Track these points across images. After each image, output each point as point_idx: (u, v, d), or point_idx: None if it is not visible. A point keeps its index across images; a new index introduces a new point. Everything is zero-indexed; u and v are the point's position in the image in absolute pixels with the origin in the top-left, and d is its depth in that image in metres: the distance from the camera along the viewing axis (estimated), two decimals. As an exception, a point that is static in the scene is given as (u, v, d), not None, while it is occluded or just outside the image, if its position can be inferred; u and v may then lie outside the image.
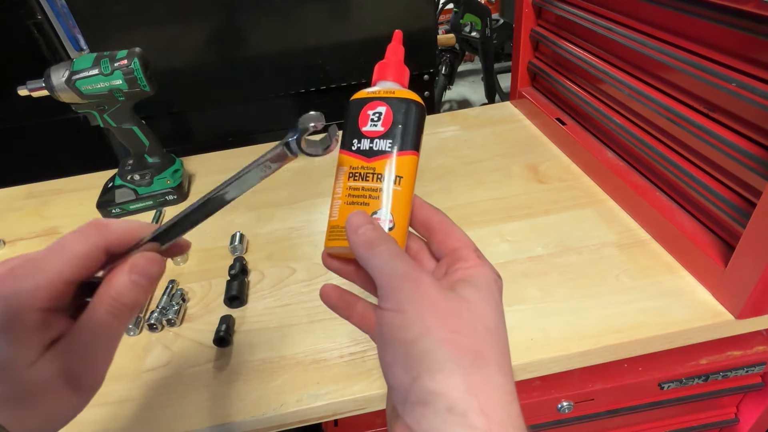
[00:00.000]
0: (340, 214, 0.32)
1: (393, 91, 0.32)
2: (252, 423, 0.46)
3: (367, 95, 0.33)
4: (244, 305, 0.58)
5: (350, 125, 0.33)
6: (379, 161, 0.31)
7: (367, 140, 0.32)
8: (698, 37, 0.51)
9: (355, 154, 0.32)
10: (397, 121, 0.32)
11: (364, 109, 0.32)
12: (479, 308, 0.27)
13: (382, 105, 0.32)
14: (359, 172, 0.32)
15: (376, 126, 0.32)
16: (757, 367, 0.57)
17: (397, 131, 0.32)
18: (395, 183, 0.31)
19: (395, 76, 0.34)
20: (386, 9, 1.06)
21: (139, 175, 0.77)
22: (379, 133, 0.32)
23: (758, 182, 0.45)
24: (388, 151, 0.31)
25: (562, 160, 0.77)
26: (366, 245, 0.28)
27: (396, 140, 0.32)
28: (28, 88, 0.68)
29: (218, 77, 1.10)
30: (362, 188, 0.31)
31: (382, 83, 0.34)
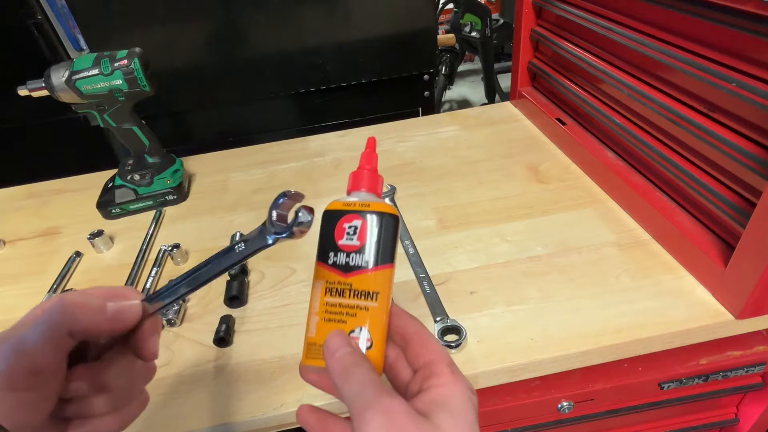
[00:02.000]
0: (318, 331, 0.32)
1: (368, 203, 0.33)
2: (252, 423, 0.46)
3: (342, 207, 0.33)
4: (244, 305, 0.58)
5: (326, 238, 0.33)
6: (356, 277, 0.31)
7: (343, 254, 0.32)
8: (698, 37, 0.51)
9: (331, 268, 0.32)
10: (373, 235, 0.32)
11: (340, 222, 0.32)
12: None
13: (357, 218, 0.32)
14: (336, 288, 0.32)
15: (352, 240, 0.32)
16: (757, 367, 0.57)
17: (373, 245, 0.31)
18: (372, 299, 0.31)
19: (369, 186, 0.35)
20: (386, 9, 1.06)
21: (139, 175, 0.77)
22: (355, 248, 0.32)
23: (758, 182, 0.45)
24: (364, 267, 0.31)
25: (562, 160, 0.77)
26: (341, 373, 0.28)
27: (372, 255, 0.31)
28: (28, 88, 0.68)
29: (218, 77, 1.10)
30: (339, 305, 0.31)
31: (356, 194, 0.34)
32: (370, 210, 0.32)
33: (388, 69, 1.14)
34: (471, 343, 0.50)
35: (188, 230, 0.73)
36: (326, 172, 0.83)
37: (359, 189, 0.35)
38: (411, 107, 1.23)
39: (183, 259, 0.66)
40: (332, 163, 0.85)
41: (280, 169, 0.85)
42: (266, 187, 0.80)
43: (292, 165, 0.86)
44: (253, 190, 0.80)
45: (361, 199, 0.34)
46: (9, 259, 0.72)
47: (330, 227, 0.33)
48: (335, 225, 0.33)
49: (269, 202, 0.31)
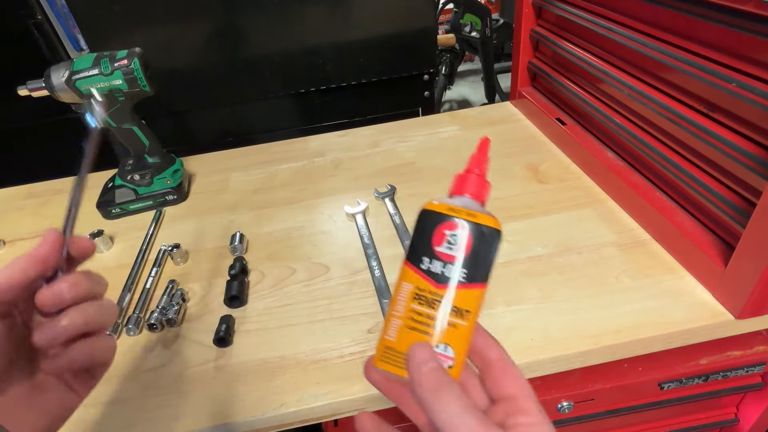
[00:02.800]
0: (399, 337, 0.29)
1: (475, 214, 0.30)
2: (252, 423, 0.46)
3: (446, 211, 0.30)
4: (244, 305, 0.58)
5: (422, 239, 0.30)
6: (450, 291, 0.29)
7: (439, 263, 0.29)
8: (698, 37, 0.51)
9: (423, 275, 0.29)
10: (475, 250, 0.29)
11: (441, 227, 0.29)
12: None
13: (460, 228, 0.29)
14: (425, 297, 0.29)
15: (451, 249, 0.29)
16: (757, 367, 0.57)
17: (473, 261, 0.29)
18: (462, 318, 0.29)
19: (476, 193, 0.31)
20: (386, 9, 1.06)
21: (139, 175, 0.77)
22: (454, 259, 0.29)
23: (758, 182, 0.45)
24: (461, 282, 0.29)
25: (562, 160, 0.77)
26: (433, 389, 0.26)
27: (470, 271, 0.29)
28: (28, 88, 0.68)
29: (218, 77, 1.10)
30: (427, 315, 0.29)
31: (460, 198, 0.31)
32: (477, 221, 0.29)
33: (388, 69, 1.14)
34: (471, 343, 0.50)
35: (188, 230, 0.73)
36: (326, 172, 0.83)
37: (464, 194, 0.31)
38: (411, 107, 1.23)
39: (183, 259, 0.66)
40: (332, 163, 0.85)
41: (280, 169, 0.85)
42: (266, 187, 0.80)
43: (292, 165, 0.86)
44: (253, 190, 0.80)
45: (465, 205, 0.30)
46: (9, 259, 0.71)
47: (428, 229, 0.30)
48: (434, 229, 0.30)
49: (269, 201, 0.31)
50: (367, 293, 0.57)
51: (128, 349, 0.54)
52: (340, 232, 0.68)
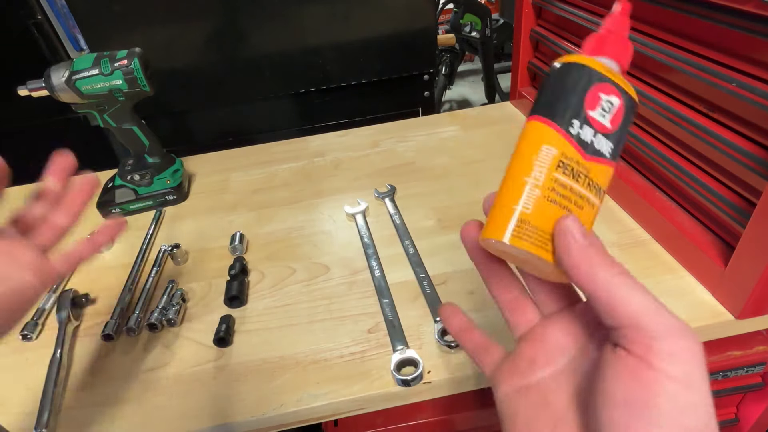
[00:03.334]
0: (538, 209, 0.25)
1: (625, 81, 0.26)
2: (252, 423, 0.46)
3: (603, 71, 0.25)
4: (244, 305, 0.58)
5: (574, 98, 0.25)
6: (596, 165, 0.25)
7: (590, 130, 0.25)
8: (698, 37, 0.51)
9: (573, 141, 0.25)
10: (625, 123, 0.26)
11: (596, 88, 0.25)
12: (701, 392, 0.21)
13: (617, 95, 0.26)
14: (572, 167, 0.25)
15: (604, 118, 0.25)
16: (757, 367, 0.57)
17: (621, 136, 0.26)
18: (600, 195, 0.26)
19: (621, 55, 0.27)
20: (386, 9, 1.06)
21: (139, 175, 0.77)
22: (606, 130, 0.25)
23: (758, 182, 0.45)
24: (607, 158, 0.26)
25: (562, 160, 0.77)
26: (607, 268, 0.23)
27: (617, 147, 0.26)
28: (28, 88, 0.68)
29: (218, 77, 1.10)
30: (570, 189, 0.25)
31: (607, 60, 0.27)
32: (628, 91, 0.26)
33: (388, 69, 1.14)
34: (471, 343, 0.50)
35: (188, 230, 0.73)
36: (326, 172, 0.83)
37: (611, 56, 0.27)
38: (411, 107, 1.23)
39: (183, 259, 0.66)
40: (332, 163, 0.85)
41: (280, 169, 0.85)
42: (266, 187, 0.80)
43: (292, 165, 0.86)
44: (253, 190, 0.80)
45: (615, 70, 0.26)
46: (9, 259, 0.72)
47: (582, 87, 0.25)
48: (589, 88, 0.25)
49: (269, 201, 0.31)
50: (367, 293, 0.57)
51: (128, 349, 0.54)
52: (340, 232, 0.68)
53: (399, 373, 0.47)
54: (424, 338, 0.51)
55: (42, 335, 0.58)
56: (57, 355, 0.52)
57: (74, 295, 0.59)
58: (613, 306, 0.22)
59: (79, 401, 0.49)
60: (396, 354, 0.49)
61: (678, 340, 0.20)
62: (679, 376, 0.20)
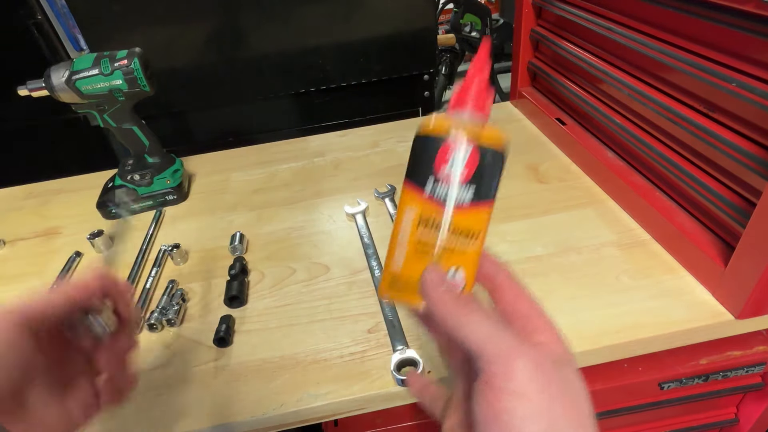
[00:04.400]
0: (407, 264, 0.28)
1: (477, 130, 0.28)
2: (252, 423, 0.46)
3: (447, 129, 0.28)
4: (244, 305, 0.58)
5: (424, 160, 0.28)
6: (458, 214, 0.28)
7: (443, 185, 0.28)
8: (698, 37, 0.51)
9: (427, 198, 0.28)
10: (481, 168, 0.28)
11: (444, 146, 0.28)
12: (584, 393, 0.24)
13: (465, 148, 0.28)
14: (432, 220, 0.28)
15: (456, 171, 0.28)
16: (757, 367, 0.57)
17: (480, 180, 0.28)
18: (472, 239, 0.28)
19: (478, 105, 0.29)
20: (386, 9, 1.06)
21: (139, 175, 0.77)
22: (458, 179, 0.28)
23: (758, 182, 0.45)
24: (467, 203, 0.28)
25: (562, 160, 0.77)
26: (455, 314, 0.26)
27: (477, 190, 0.28)
28: (28, 88, 0.68)
29: (218, 77, 1.10)
30: (433, 239, 0.28)
31: (462, 113, 0.29)
32: (480, 139, 0.28)
33: (388, 69, 1.14)
34: (471, 343, 0.50)
35: (188, 230, 0.73)
36: (326, 172, 0.83)
37: (466, 108, 0.29)
38: (411, 107, 1.23)
39: (183, 259, 0.66)
40: (332, 163, 0.85)
41: (280, 169, 0.85)
42: (266, 187, 0.80)
43: (292, 165, 0.86)
44: (253, 190, 0.80)
45: (466, 121, 0.28)
46: (9, 259, 0.72)
47: (431, 149, 0.28)
48: (437, 149, 0.28)
49: (269, 201, 0.31)
50: (367, 293, 0.57)
51: (128, 349, 0.54)
52: (340, 232, 0.68)
53: (399, 373, 0.47)
54: (424, 338, 0.51)
55: (42, 335, 0.57)
56: (57, 355, 0.52)
57: (74, 295, 0.59)
58: (466, 342, 0.25)
59: (79, 401, 0.49)
60: (396, 354, 0.49)
61: (512, 361, 0.23)
62: (516, 390, 0.23)
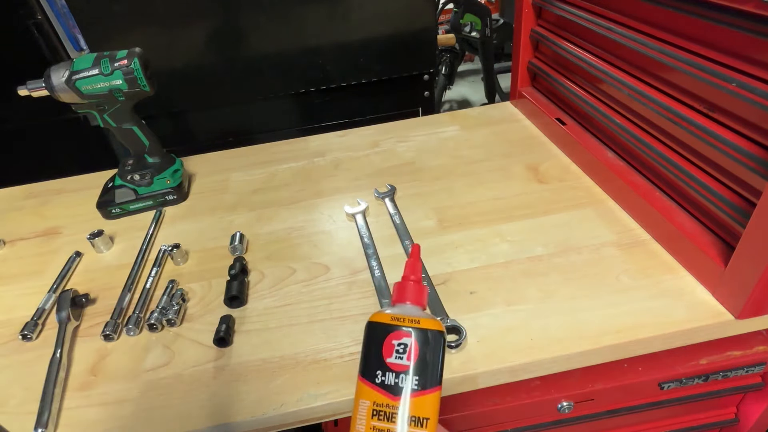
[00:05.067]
0: None
1: (417, 319, 0.31)
2: (252, 423, 0.46)
3: (391, 321, 0.31)
4: (244, 305, 0.58)
5: (372, 353, 0.31)
6: (406, 401, 0.30)
7: (392, 374, 0.30)
8: (698, 37, 0.51)
9: (379, 389, 0.30)
10: (424, 354, 0.30)
11: (389, 338, 0.31)
12: None
13: (407, 336, 0.31)
14: (384, 411, 0.30)
15: (401, 359, 0.30)
16: (757, 367, 0.57)
17: (425, 366, 0.30)
18: (422, 426, 0.30)
19: (415, 298, 0.33)
20: (386, 9, 1.06)
21: (139, 175, 0.77)
22: (405, 368, 0.30)
23: (758, 182, 0.45)
24: (415, 390, 0.30)
25: (562, 160, 0.77)
26: None
27: (423, 376, 0.30)
28: (28, 88, 0.68)
29: (218, 77, 1.10)
30: (388, 430, 0.30)
31: (401, 306, 0.33)
32: (421, 327, 0.31)
33: (388, 69, 1.14)
34: (471, 343, 0.50)
35: (188, 230, 0.73)
36: (326, 172, 0.83)
37: (405, 302, 0.33)
38: (411, 107, 1.23)
39: (183, 259, 0.66)
40: (332, 163, 0.85)
41: (280, 169, 0.85)
42: (266, 187, 0.80)
43: (292, 165, 0.86)
44: (253, 190, 0.80)
45: (407, 313, 0.32)
46: (9, 259, 0.72)
47: (377, 342, 0.31)
48: (383, 340, 0.31)
49: (269, 201, 0.31)
50: (367, 293, 0.57)
51: (128, 349, 0.54)
52: (340, 232, 0.68)
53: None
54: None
55: (42, 335, 0.58)
56: (57, 355, 0.52)
57: (74, 295, 0.59)
58: None
59: (79, 401, 0.49)
60: (396, 354, 0.49)
61: None
62: None
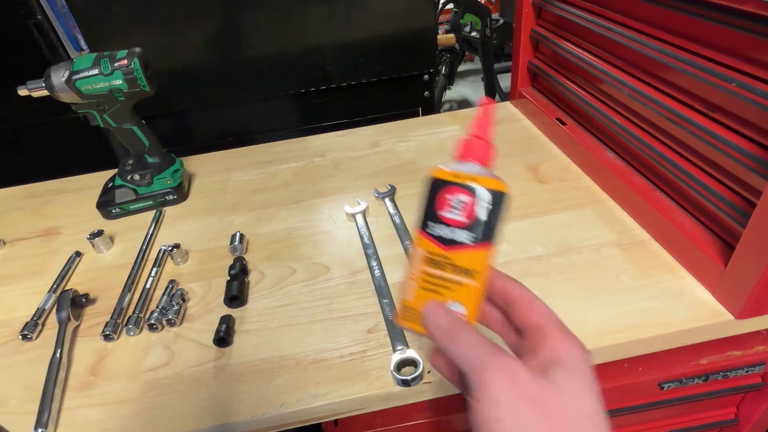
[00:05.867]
0: (416, 297, 0.32)
1: (476, 177, 0.31)
2: (252, 423, 0.46)
3: (449, 177, 0.31)
4: (244, 305, 0.58)
5: (428, 206, 0.32)
6: (458, 254, 0.31)
7: (446, 228, 0.31)
8: (698, 37, 0.51)
9: (433, 240, 0.31)
10: (480, 213, 0.30)
11: (444, 192, 0.31)
12: (576, 395, 0.26)
13: (464, 193, 0.31)
14: (436, 260, 0.31)
15: (455, 214, 0.31)
16: (757, 367, 0.57)
17: (479, 224, 0.30)
18: (470, 277, 0.31)
19: (480, 156, 0.32)
20: (386, 9, 1.06)
21: (139, 175, 0.77)
22: (460, 224, 0.31)
23: (758, 182, 0.45)
24: (467, 244, 0.30)
25: (562, 160, 0.77)
26: (448, 338, 0.29)
27: (477, 233, 0.30)
28: (28, 88, 0.68)
29: (218, 77, 1.10)
30: (439, 276, 0.31)
31: (465, 164, 0.32)
32: (478, 184, 0.30)
33: (388, 69, 1.14)
34: (471, 343, 0.50)
35: (188, 230, 0.73)
36: (326, 172, 0.83)
37: (469, 158, 0.32)
38: (411, 107, 1.23)
39: (183, 259, 0.66)
40: (332, 163, 0.85)
41: (280, 169, 0.85)
42: (266, 187, 0.80)
43: (292, 165, 0.86)
44: (253, 190, 0.80)
45: (469, 170, 0.31)
46: (9, 259, 0.72)
47: (433, 196, 0.31)
48: (438, 195, 0.31)
49: (269, 201, 0.32)
50: (367, 293, 0.57)
51: (128, 349, 0.54)
52: (340, 232, 0.68)
53: (399, 373, 0.47)
54: (424, 338, 0.51)
55: (42, 335, 0.58)
56: (57, 355, 0.52)
57: (74, 295, 0.59)
58: (457, 361, 0.28)
59: (79, 401, 0.49)
60: (396, 354, 0.49)
61: (480, 374, 0.26)
62: (485, 399, 0.26)
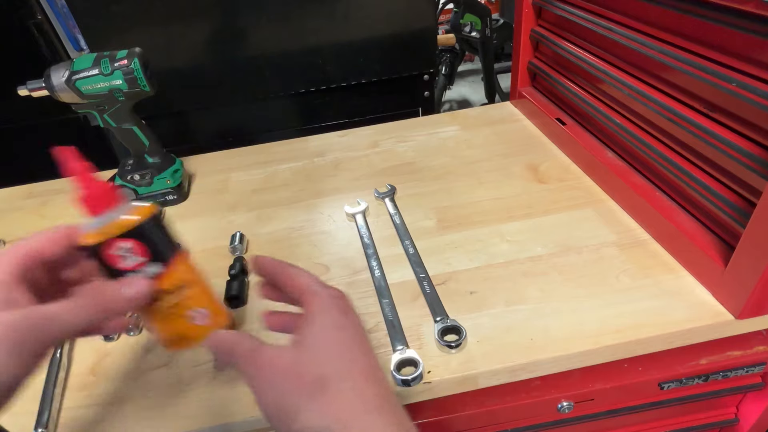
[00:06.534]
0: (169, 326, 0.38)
1: (122, 221, 0.33)
2: (252, 423, 0.46)
3: (101, 238, 0.33)
4: (244, 305, 0.58)
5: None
6: (163, 281, 0.35)
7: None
8: (698, 37, 0.51)
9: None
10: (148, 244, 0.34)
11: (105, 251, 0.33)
12: (316, 339, 0.32)
13: (122, 241, 0.33)
14: (156, 297, 0.35)
15: (133, 260, 0.33)
16: (757, 367, 0.57)
17: (155, 252, 0.34)
18: (190, 287, 0.37)
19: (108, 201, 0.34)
20: (386, 9, 1.06)
21: (139, 175, 0.77)
22: (142, 263, 0.34)
23: (758, 182, 0.45)
24: (162, 271, 0.35)
25: (562, 160, 0.77)
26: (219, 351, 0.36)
27: (160, 258, 0.35)
28: (28, 88, 0.68)
29: (218, 77, 1.10)
30: (171, 304, 0.36)
31: (102, 217, 0.34)
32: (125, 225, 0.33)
33: (388, 69, 1.14)
34: (471, 343, 0.50)
35: (188, 230, 0.73)
36: (326, 172, 0.83)
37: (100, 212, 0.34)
38: (411, 107, 1.23)
39: (183, 259, 0.66)
40: (332, 163, 0.85)
41: (280, 169, 0.85)
42: (266, 187, 0.80)
43: (292, 165, 0.86)
44: (253, 190, 0.80)
45: (109, 219, 0.34)
46: (9, 259, 0.72)
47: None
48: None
49: (269, 201, 0.32)
50: (367, 293, 0.57)
51: (128, 349, 0.54)
52: (340, 232, 0.68)
53: (399, 373, 0.47)
54: (424, 338, 0.51)
55: (42, 335, 0.57)
56: (57, 355, 0.52)
57: (74, 295, 0.59)
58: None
59: (79, 401, 0.49)
60: (396, 354, 0.49)
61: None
62: None
